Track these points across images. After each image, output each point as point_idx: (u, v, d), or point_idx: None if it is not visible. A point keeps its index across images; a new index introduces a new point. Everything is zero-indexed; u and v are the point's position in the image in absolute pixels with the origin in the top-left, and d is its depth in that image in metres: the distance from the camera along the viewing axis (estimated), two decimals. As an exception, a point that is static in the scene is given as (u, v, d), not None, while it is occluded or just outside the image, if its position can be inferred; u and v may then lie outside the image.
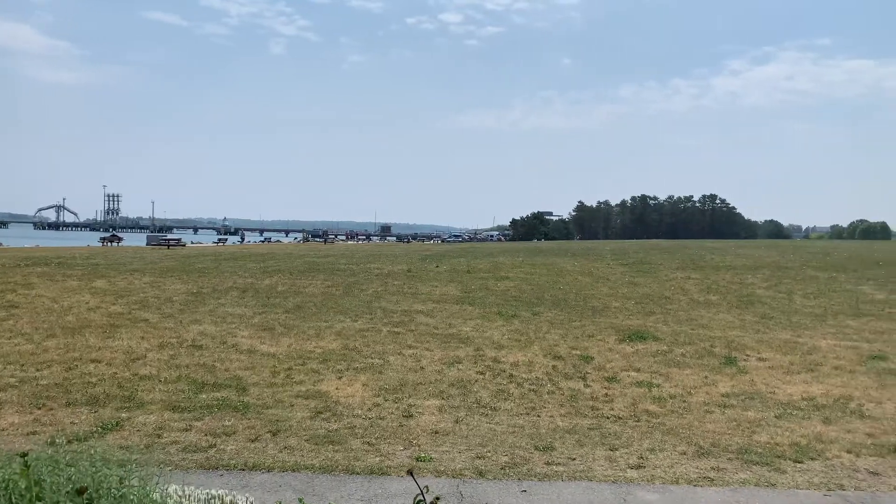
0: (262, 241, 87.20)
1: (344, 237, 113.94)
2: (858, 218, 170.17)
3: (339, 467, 5.95)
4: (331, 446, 6.50)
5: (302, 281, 19.45)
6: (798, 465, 6.27)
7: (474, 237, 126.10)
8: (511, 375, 9.55)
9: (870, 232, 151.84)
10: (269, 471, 5.86)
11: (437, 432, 7.02)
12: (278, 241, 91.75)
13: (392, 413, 7.67)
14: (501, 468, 5.99)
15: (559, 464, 6.14)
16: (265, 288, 17.95)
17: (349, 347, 11.10)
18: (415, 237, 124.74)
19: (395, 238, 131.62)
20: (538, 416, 7.75)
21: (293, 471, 5.87)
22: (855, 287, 18.62)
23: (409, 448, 6.52)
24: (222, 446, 6.46)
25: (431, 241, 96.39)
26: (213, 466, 5.93)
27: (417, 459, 6.15)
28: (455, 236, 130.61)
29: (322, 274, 21.17)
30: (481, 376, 9.48)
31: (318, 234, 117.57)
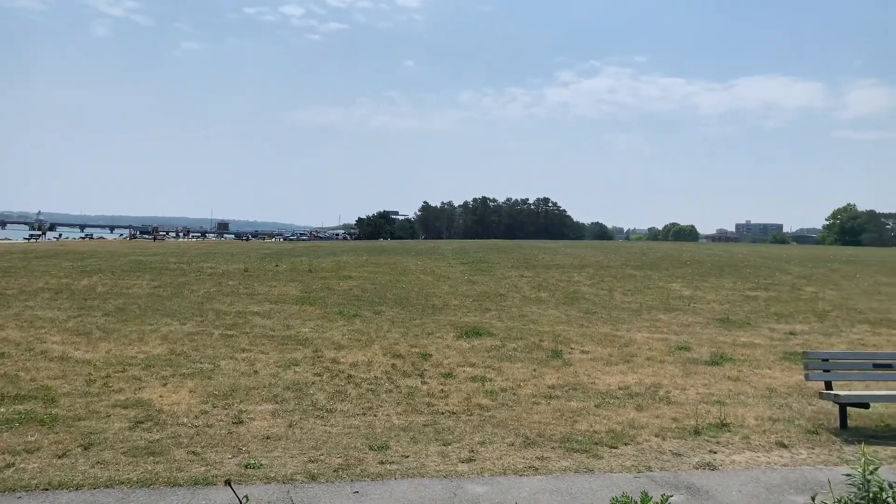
0: (83, 238, 79.82)
1: (175, 234, 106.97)
2: (671, 221, 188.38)
3: (160, 480, 5.57)
4: (151, 458, 6.07)
5: (126, 281, 18.05)
6: (613, 451, 6.77)
7: (319, 235, 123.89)
8: (350, 376, 9.48)
9: (681, 234, 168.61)
10: (77, 489, 5.35)
11: (269, 438, 6.80)
12: (101, 237, 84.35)
13: (221, 420, 7.32)
14: (334, 470, 5.91)
15: (393, 462, 6.18)
16: (82, 289, 16.45)
17: (176, 352, 10.46)
18: (255, 235, 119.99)
19: (233, 236, 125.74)
20: (375, 415, 7.76)
21: (106, 487, 5.41)
22: (666, 284, 20.50)
23: (238, 455, 6.25)
24: (23, 465, 5.82)
25: (273, 240, 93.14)
26: (9, 488, 5.31)
27: (246, 467, 5.92)
28: (298, 234, 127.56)
29: (149, 273, 19.77)
30: (319, 378, 9.32)
31: (147, 230, 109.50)
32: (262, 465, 5.99)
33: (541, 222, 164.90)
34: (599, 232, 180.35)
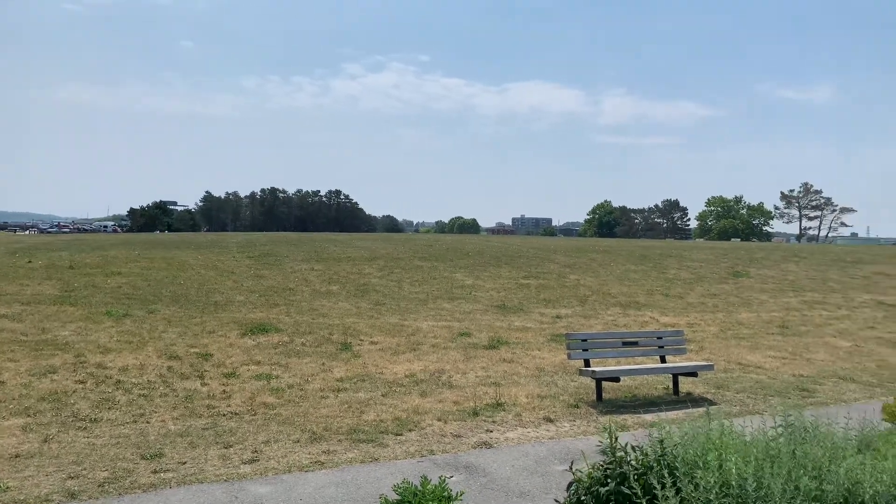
0: None
1: None
2: (456, 215, 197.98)
3: None
4: None
5: None
6: (398, 438, 6.96)
7: (83, 227, 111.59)
8: (119, 381, 8.70)
9: (465, 227, 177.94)
10: None
11: (18, 456, 6.02)
12: None
13: (-44, 441, 6.33)
14: (99, 486, 5.39)
15: (168, 470, 5.79)
16: None
17: None
18: (4, 227, 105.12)
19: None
20: (148, 422, 7.21)
21: None
22: (450, 274, 21.48)
23: (-23, 481, 5.45)
24: None
25: (26, 232, 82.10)
26: None
27: (-12, 493, 5.18)
28: (59, 226, 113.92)
29: None
30: (81, 385, 8.44)
31: None
32: (8, 487, 5.28)
33: (333, 215, 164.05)
34: (390, 225, 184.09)
